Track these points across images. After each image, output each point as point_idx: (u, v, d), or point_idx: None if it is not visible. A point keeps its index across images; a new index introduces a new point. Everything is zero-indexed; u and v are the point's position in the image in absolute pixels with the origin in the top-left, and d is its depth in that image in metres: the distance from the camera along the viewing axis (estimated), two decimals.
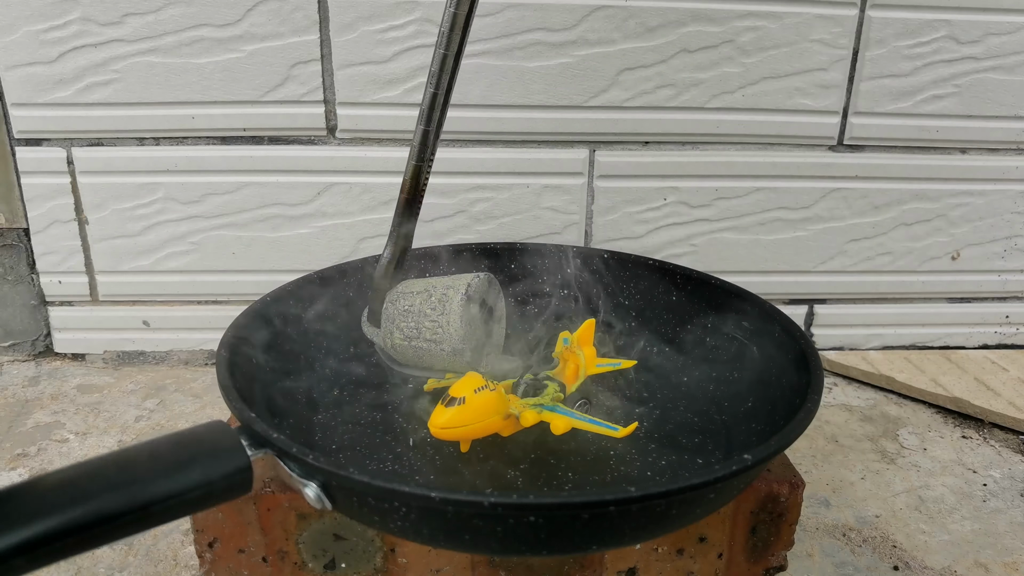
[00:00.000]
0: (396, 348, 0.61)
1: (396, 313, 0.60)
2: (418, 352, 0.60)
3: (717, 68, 0.84)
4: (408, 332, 0.59)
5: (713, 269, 0.78)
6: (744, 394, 0.60)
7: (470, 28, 0.56)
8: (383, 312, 0.61)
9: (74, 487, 0.37)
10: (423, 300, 0.59)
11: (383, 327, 0.61)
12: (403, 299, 0.60)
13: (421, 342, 0.59)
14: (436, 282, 0.61)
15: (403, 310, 0.60)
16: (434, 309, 0.59)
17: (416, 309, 0.59)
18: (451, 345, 0.58)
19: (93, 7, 0.77)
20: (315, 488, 0.42)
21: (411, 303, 0.60)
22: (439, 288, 0.60)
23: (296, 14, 0.79)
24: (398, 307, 0.60)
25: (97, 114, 0.81)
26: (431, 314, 0.59)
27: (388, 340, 0.61)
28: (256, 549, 0.52)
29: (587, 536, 0.42)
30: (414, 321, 0.59)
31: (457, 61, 0.57)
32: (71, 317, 0.90)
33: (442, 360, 0.60)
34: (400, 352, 0.61)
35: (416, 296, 0.60)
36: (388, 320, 0.60)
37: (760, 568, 0.54)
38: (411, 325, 0.59)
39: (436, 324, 0.58)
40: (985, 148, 0.90)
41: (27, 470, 0.71)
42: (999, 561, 0.64)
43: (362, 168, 0.85)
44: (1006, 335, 0.99)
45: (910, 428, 0.84)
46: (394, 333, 0.60)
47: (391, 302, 0.61)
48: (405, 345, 0.60)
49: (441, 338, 0.58)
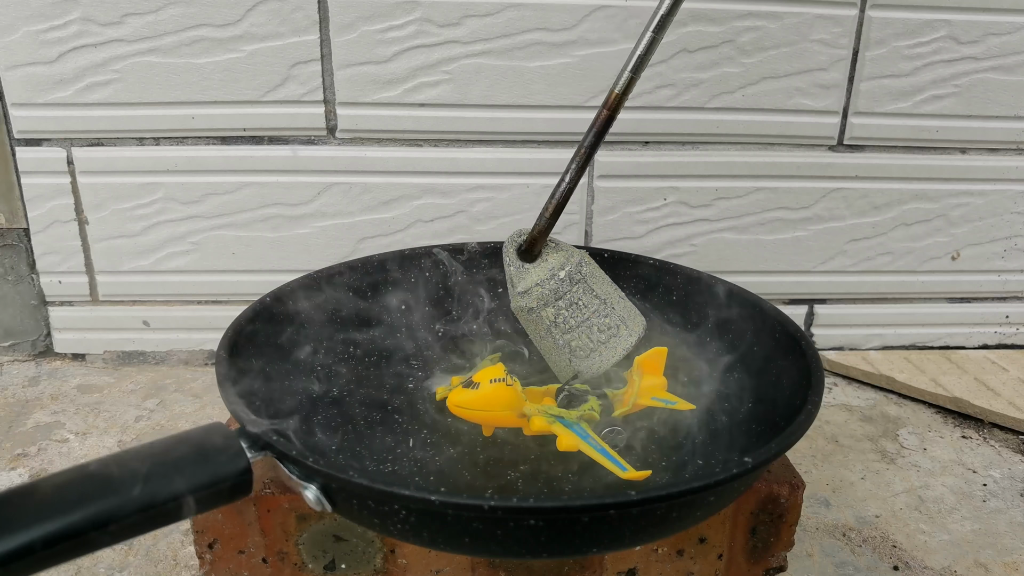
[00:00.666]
0: (532, 314, 0.59)
1: (563, 294, 0.58)
2: (552, 340, 0.59)
3: (717, 68, 0.83)
4: (562, 322, 0.58)
5: (713, 269, 0.78)
6: (744, 395, 0.60)
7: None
8: (544, 275, 0.59)
9: (74, 490, 0.37)
10: (597, 310, 0.59)
11: (533, 288, 0.59)
12: (581, 291, 0.59)
13: (564, 337, 0.58)
14: (615, 301, 0.60)
15: (573, 301, 0.58)
16: (602, 332, 0.59)
17: (587, 310, 0.59)
18: (587, 368, 0.58)
19: (93, 7, 0.77)
20: (315, 490, 0.42)
21: (587, 303, 0.59)
22: (616, 313, 0.59)
23: (296, 14, 0.78)
24: (571, 292, 0.59)
25: (97, 114, 0.81)
26: (596, 334, 0.59)
27: (532, 303, 0.59)
28: (256, 550, 0.52)
29: (587, 539, 0.42)
30: (576, 320, 0.58)
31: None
32: (71, 317, 0.89)
33: (559, 361, 0.59)
34: (532, 319, 0.59)
35: (594, 301, 0.59)
36: (546, 289, 0.58)
37: (760, 569, 0.54)
38: (570, 320, 0.58)
39: (590, 344, 0.59)
40: (985, 148, 0.90)
41: (27, 470, 0.71)
42: (999, 561, 0.64)
43: (362, 168, 0.85)
44: (1006, 335, 0.99)
45: (910, 428, 0.84)
46: (547, 308, 0.58)
47: (563, 279, 0.59)
48: (547, 324, 0.58)
49: (583, 355, 0.58)
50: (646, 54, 0.57)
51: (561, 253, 0.60)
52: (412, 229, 0.87)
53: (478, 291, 0.71)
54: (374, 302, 0.69)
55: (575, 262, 0.60)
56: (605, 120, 0.59)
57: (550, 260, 0.60)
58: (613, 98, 0.58)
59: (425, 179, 0.86)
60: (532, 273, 0.60)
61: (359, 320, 0.68)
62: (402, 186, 0.86)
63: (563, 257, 0.60)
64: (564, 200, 0.60)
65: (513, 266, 0.60)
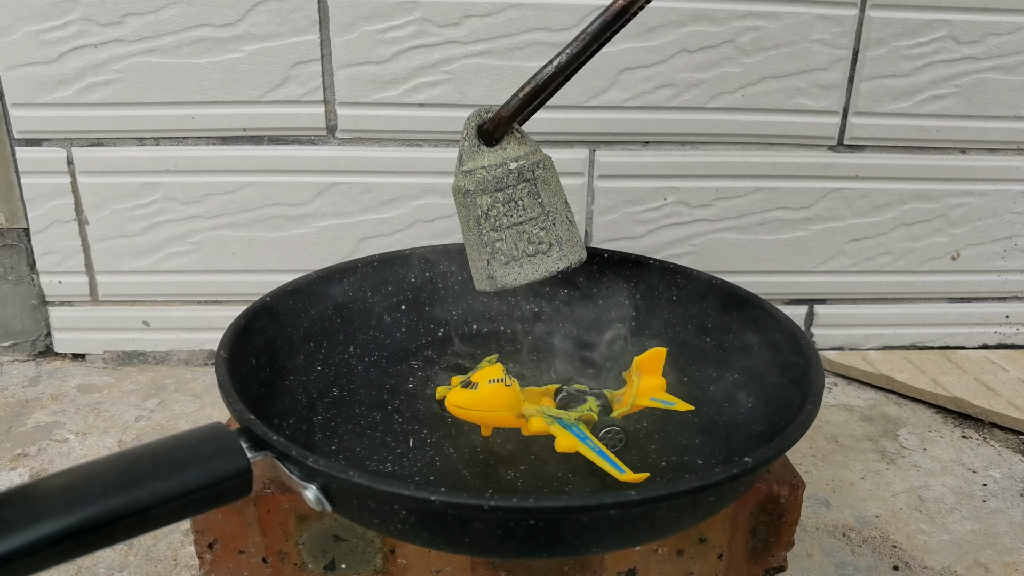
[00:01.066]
0: (468, 198, 0.55)
1: (505, 187, 0.54)
2: (477, 233, 0.55)
3: (717, 68, 0.83)
4: (493, 216, 0.54)
5: (713, 269, 0.78)
6: (744, 395, 0.60)
7: None
8: (494, 161, 0.54)
9: (74, 490, 0.37)
10: (535, 218, 0.55)
11: (478, 170, 0.54)
12: (526, 192, 0.55)
13: (491, 234, 0.55)
14: (559, 218, 0.56)
15: (513, 199, 0.54)
16: (531, 243, 0.55)
17: (523, 214, 0.55)
18: (502, 276, 0.54)
19: (93, 7, 0.77)
20: (315, 490, 0.42)
21: (527, 206, 0.55)
22: (555, 231, 0.55)
23: (296, 14, 0.78)
24: (513, 189, 0.54)
25: (97, 114, 0.81)
26: (524, 244, 0.55)
27: (471, 185, 0.54)
28: (256, 550, 0.52)
29: (587, 539, 0.42)
30: (508, 220, 0.54)
31: None
32: (71, 317, 0.90)
33: (477, 260, 0.55)
34: (466, 204, 0.55)
35: (535, 207, 0.55)
36: (490, 175, 0.54)
37: (760, 569, 0.54)
38: (502, 217, 0.54)
39: (514, 252, 0.55)
40: (985, 148, 0.90)
41: (27, 470, 0.71)
42: (999, 561, 0.64)
43: (362, 168, 0.85)
44: (1006, 335, 0.99)
45: (910, 428, 0.84)
46: (483, 196, 0.54)
47: (511, 171, 0.54)
48: (478, 215, 0.54)
49: (502, 261, 0.54)
50: None
51: (523, 146, 0.56)
52: (412, 229, 0.87)
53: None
54: (374, 302, 0.69)
55: (532, 160, 0.55)
56: (619, 10, 0.52)
57: (508, 150, 0.56)
58: None
59: (425, 179, 0.86)
60: (484, 156, 0.56)
61: (359, 320, 0.68)
62: (402, 186, 0.86)
63: (522, 151, 0.56)
64: (544, 86, 0.54)
65: (467, 142, 0.57)
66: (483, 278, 0.57)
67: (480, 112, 0.57)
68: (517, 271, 0.55)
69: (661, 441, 0.57)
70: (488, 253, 0.55)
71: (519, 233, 0.55)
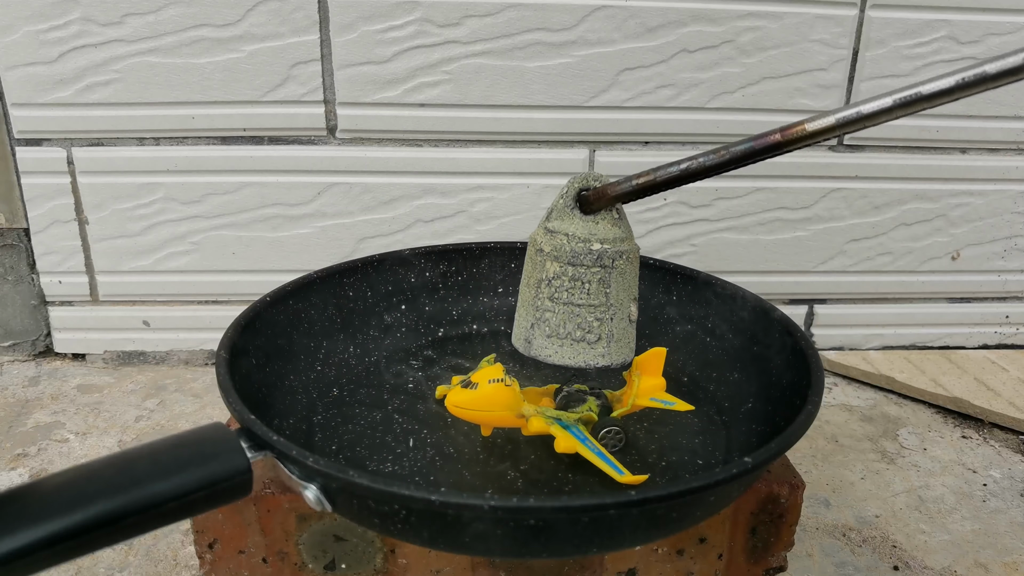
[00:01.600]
0: (539, 256, 0.52)
1: (579, 264, 0.51)
2: (533, 292, 0.52)
3: (717, 68, 0.83)
4: (556, 287, 0.52)
5: (713, 269, 0.78)
6: (744, 395, 0.60)
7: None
8: (581, 232, 0.51)
9: (74, 490, 0.37)
10: (595, 307, 0.52)
11: (560, 235, 0.51)
12: (597, 278, 0.52)
13: (545, 301, 0.52)
14: (619, 316, 0.54)
15: (581, 279, 0.51)
16: (580, 329, 0.52)
17: (585, 298, 0.52)
18: (538, 347, 0.52)
19: (93, 7, 0.77)
20: (315, 490, 0.42)
21: (593, 292, 0.52)
22: (609, 326, 0.53)
23: (296, 14, 0.78)
24: (586, 271, 0.51)
25: (97, 114, 0.81)
26: (571, 327, 0.53)
27: (547, 246, 0.52)
28: (256, 550, 0.52)
29: (587, 539, 0.42)
30: (567, 297, 0.51)
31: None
32: (71, 317, 0.90)
33: (522, 318, 0.53)
34: (536, 259, 0.53)
35: (600, 296, 0.52)
36: (569, 246, 0.51)
37: (760, 569, 0.54)
38: (563, 292, 0.51)
39: (560, 330, 0.53)
40: (985, 148, 0.90)
41: (27, 470, 0.71)
42: (999, 561, 0.64)
43: (362, 168, 0.85)
44: (1006, 335, 0.99)
45: (910, 428, 0.84)
46: (554, 263, 0.52)
47: (591, 252, 0.51)
48: (541, 276, 0.52)
49: (544, 332, 0.52)
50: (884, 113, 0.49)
51: (615, 229, 0.52)
52: (412, 229, 0.88)
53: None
54: (374, 302, 0.69)
55: (618, 248, 0.52)
56: (771, 144, 0.50)
57: (600, 225, 0.52)
58: (797, 130, 0.49)
59: (425, 179, 0.86)
60: (574, 222, 0.52)
61: (359, 320, 0.68)
62: (402, 186, 0.86)
63: (613, 234, 0.52)
64: (662, 185, 0.51)
65: (563, 200, 0.53)
66: (521, 338, 0.55)
67: (588, 177, 0.54)
68: (555, 349, 0.53)
69: (661, 441, 0.57)
70: (535, 317, 0.52)
71: (572, 314, 0.52)
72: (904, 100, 0.46)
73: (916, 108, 0.46)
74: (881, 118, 0.48)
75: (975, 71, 0.42)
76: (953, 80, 0.44)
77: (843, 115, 0.48)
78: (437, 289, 0.72)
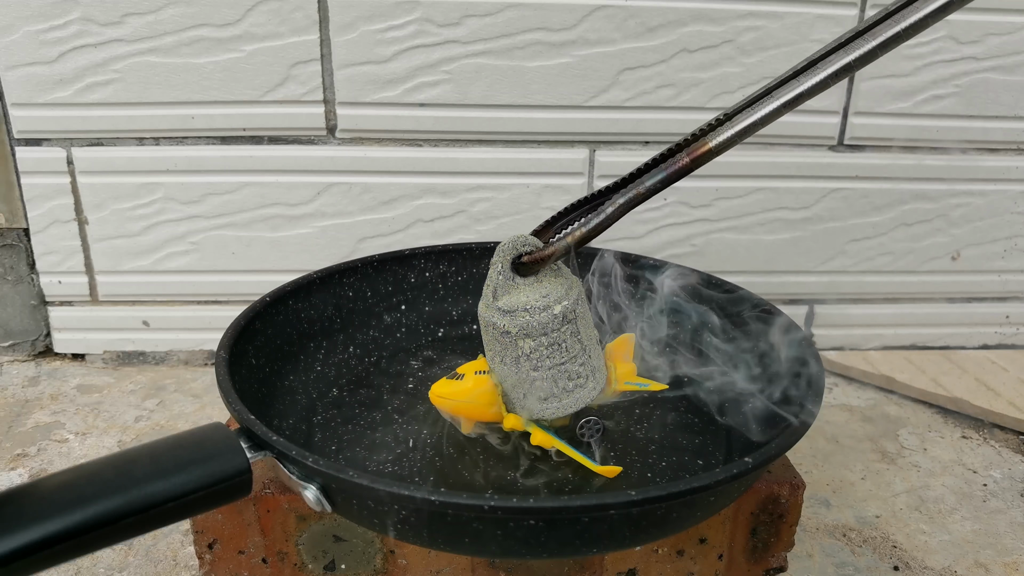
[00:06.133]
0: (506, 338, 0.51)
1: (551, 331, 0.51)
2: (514, 369, 0.52)
3: (717, 68, 0.83)
4: (536, 359, 0.51)
5: (713, 269, 0.78)
6: (744, 395, 0.60)
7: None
8: (536, 302, 0.50)
9: (74, 490, 0.37)
10: (576, 356, 0.52)
11: (519, 313, 0.50)
12: (569, 333, 0.51)
13: (531, 373, 0.52)
14: (593, 349, 0.53)
15: (557, 342, 0.51)
16: (571, 380, 0.52)
17: (566, 355, 0.51)
18: (538, 410, 0.52)
19: (93, 7, 0.77)
20: (315, 490, 0.42)
21: (570, 346, 0.51)
22: (591, 363, 0.53)
23: (296, 14, 0.78)
24: (558, 332, 0.51)
25: (97, 114, 0.81)
26: (564, 381, 0.52)
27: (512, 328, 0.51)
28: (256, 550, 0.52)
29: (587, 539, 0.42)
30: (551, 361, 0.51)
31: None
32: (71, 317, 0.89)
33: (513, 393, 0.53)
34: (502, 340, 0.52)
35: (576, 346, 0.52)
36: (535, 320, 0.50)
37: (760, 569, 0.54)
38: (546, 360, 0.51)
39: (554, 390, 0.52)
40: (985, 148, 0.90)
41: (27, 470, 0.71)
42: (999, 561, 0.64)
43: (362, 168, 0.85)
44: (1006, 335, 0.99)
45: (910, 428, 0.84)
46: (527, 340, 0.51)
47: (556, 316, 0.50)
48: (518, 355, 0.51)
49: (539, 397, 0.52)
50: (763, 121, 0.50)
51: (560, 281, 0.52)
52: (412, 229, 0.87)
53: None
54: (374, 302, 0.69)
55: (573, 298, 0.52)
56: (682, 168, 0.51)
57: (546, 284, 0.51)
58: (703, 151, 0.51)
59: (425, 179, 0.86)
60: (522, 292, 0.51)
61: (359, 320, 0.68)
62: (402, 186, 0.86)
63: (562, 288, 0.51)
64: (595, 233, 0.50)
65: (503, 275, 0.52)
66: (517, 407, 0.55)
67: (516, 244, 0.51)
68: (555, 406, 0.52)
69: (661, 441, 0.57)
70: (524, 389, 0.52)
71: (560, 373, 0.52)
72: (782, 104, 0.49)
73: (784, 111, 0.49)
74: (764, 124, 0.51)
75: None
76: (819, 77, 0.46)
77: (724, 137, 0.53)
78: (437, 289, 0.72)
